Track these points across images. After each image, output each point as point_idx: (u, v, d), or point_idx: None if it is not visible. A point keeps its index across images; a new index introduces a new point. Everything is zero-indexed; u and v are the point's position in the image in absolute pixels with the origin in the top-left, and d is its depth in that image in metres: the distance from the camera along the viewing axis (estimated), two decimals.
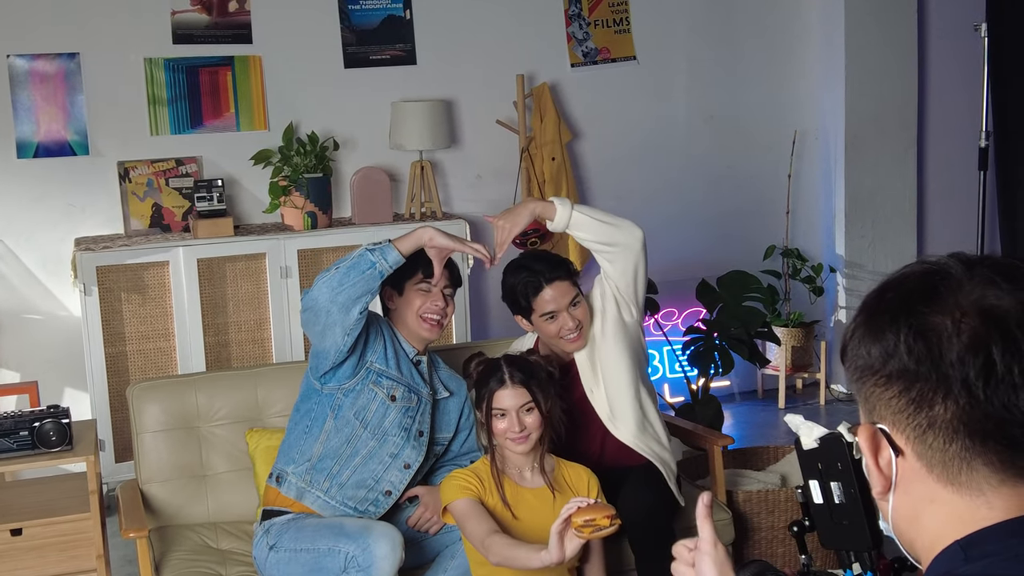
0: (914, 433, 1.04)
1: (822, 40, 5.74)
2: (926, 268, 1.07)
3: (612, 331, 3.19)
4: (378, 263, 2.88)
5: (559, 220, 3.09)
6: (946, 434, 1.02)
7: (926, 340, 1.02)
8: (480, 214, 5.27)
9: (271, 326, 4.69)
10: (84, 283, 4.43)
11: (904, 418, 1.05)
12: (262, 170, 4.88)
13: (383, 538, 2.81)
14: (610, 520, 2.53)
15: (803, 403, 5.72)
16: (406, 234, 2.96)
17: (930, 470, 1.05)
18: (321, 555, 2.87)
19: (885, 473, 1.08)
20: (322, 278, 2.89)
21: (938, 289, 1.04)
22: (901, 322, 1.04)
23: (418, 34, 5.17)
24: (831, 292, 5.83)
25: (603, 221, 3.12)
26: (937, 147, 5.95)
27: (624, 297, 3.19)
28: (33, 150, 4.70)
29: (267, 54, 4.96)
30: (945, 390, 1.01)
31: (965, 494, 1.03)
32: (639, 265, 3.17)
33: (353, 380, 3.03)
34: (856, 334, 1.09)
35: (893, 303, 1.06)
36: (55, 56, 4.70)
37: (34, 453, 3.24)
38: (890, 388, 1.05)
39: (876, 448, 1.08)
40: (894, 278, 1.09)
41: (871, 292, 1.11)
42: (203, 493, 3.35)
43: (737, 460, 3.99)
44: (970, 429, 1.01)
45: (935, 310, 1.02)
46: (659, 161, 5.62)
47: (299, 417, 3.11)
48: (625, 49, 5.50)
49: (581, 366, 3.22)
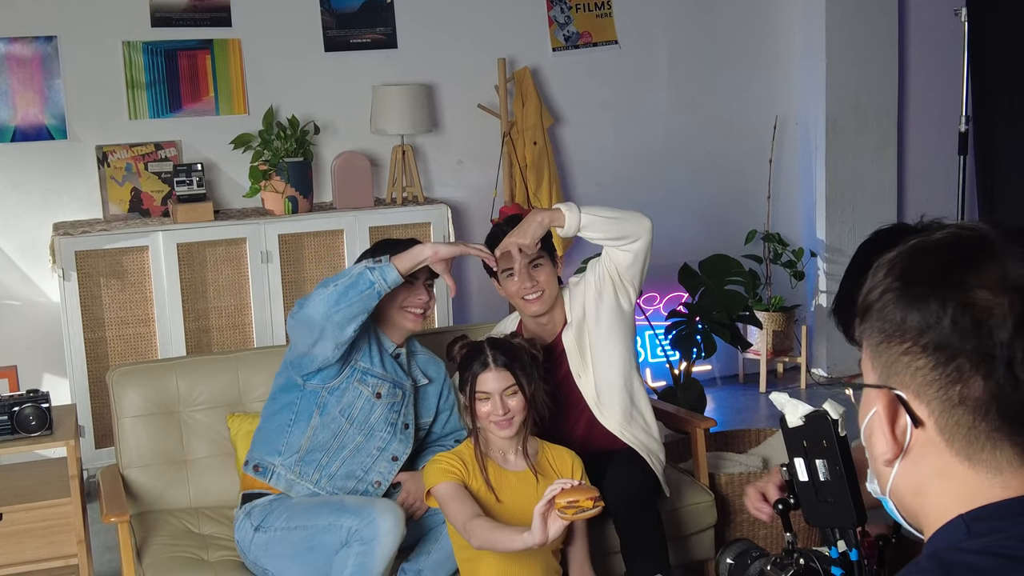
0: (941, 406, 1.02)
1: (802, 26, 5.75)
2: (964, 235, 1.05)
3: (608, 318, 3.18)
4: (377, 283, 2.84)
5: (569, 225, 3.08)
6: (976, 411, 1.01)
7: (974, 317, 1.00)
8: (461, 199, 5.26)
9: (252, 311, 4.67)
10: (63, 268, 4.39)
11: (933, 390, 1.02)
12: (242, 154, 4.85)
13: (387, 512, 2.81)
14: (593, 502, 2.53)
15: (784, 387, 5.74)
16: (405, 252, 2.92)
17: (949, 444, 1.03)
18: (318, 532, 2.85)
19: (899, 440, 1.06)
20: (317, 295, 2.85)
21: (981, 260, 1.02)
22: (947, 293, 1.01)
23: (399, 17, 5.14)
24: (811, 276, 5.85)
25: (612, 218, 3.12)
26: (917, 132, 5.97)
27: (625, 282, 3.19)
28: (10, 135, 4.66)
29: (246, 37, 4.92)
30: (987, 369, 0.99)
31: (981, 471, 1.02)
32: (648, 252, 3.19)
33: (338, 379, 3.02)
34: (887, 296, 1.05)
35: (934, 269, 1.03)
36: (32, 39, 4.65)
37: (14, 438, 3.21)
38: (923, 358, 1.02)
39: (893, 415, 1.06)
40: (930, 242, 1.06)
41: (903, 252, 1.07)
42: (184, 478, 3.34)
43: (719, 443, 4.01)
44: (1003, 410, 1.00)
45: (980, 284, 1.00)
46: (641, 146, 5.61)
47: (278, 407, 3.08)
48: (607, 33, 5.49)
49: (569, 350, 3.21)
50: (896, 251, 1.08)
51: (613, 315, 3.19)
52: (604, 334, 3.18)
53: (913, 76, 5.91)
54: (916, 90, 5.92)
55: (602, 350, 3.19)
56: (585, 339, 3.21)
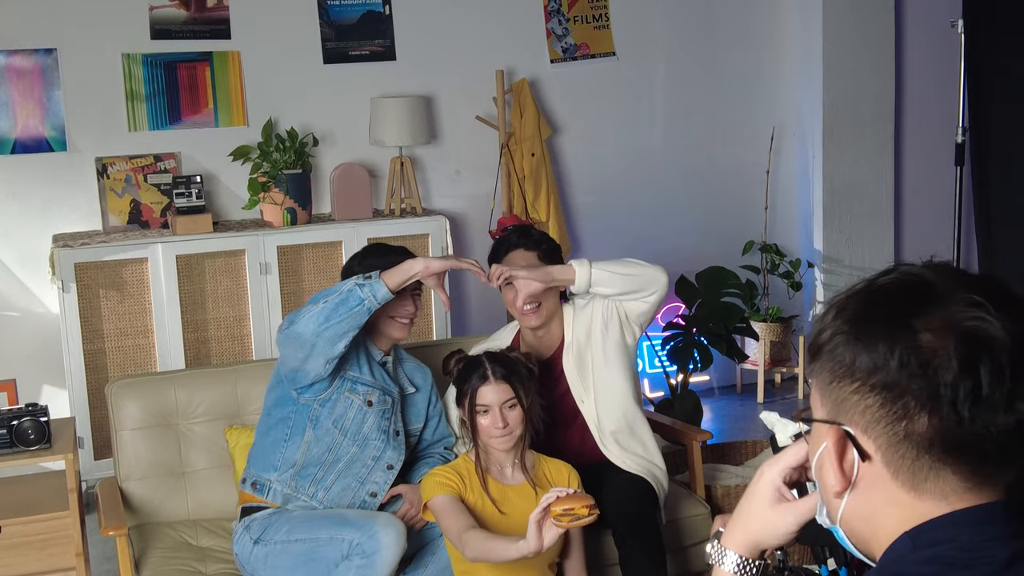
0: (888, 441, 1.08)
1: (800, 36, 5.77)
2: (909, 280, 1.10)
3: (613, 352, 3.19)
4: (367, 299, 2.85)
5: (580, 282, 3.08)
6: (921, 445, 1.06)
7: (920, 358, 1.05)
8: (460, 210, 5.28)
9: (251, 322, 4.68)
10: (62, 280, 4.41)
11: (881, 426, 1.08)
12: (241, 166, 4.87)
13: (389, 526, 2.82)
14: (589, 510, 2.54)
15: (782, 397, 5.75)
16: (395, 268, 2.92)
17: (895, 476, 1.09)
18: (319, 544, 2.86)
19: (847, 474, 1.11)
20: (307, 312, 2.86)
21: (926, 304, 1.07)
22: (896, 336, 1.06)
23: (397, 29, 5.16)
24: (809, 287, 5.86)
25: (624, 274, 3.11)
26: (914, 143, 5.99)
27: (632, 323, 3.20)
28: (10, 146, 4.67)
29: (246, 49, 4.94)
30: (932, 407, 1.05)
31: (927, 499, 1.08)
32: (662, 302, 3.19)
33: (329, 390, 3.03)
34: (838, 338, 1.11)
35: (882, 313, 1.09)
36: (32, 52, 4.67)
37: (12, 451, 3.23)
38: (872, 396, 1.08)
39: (842, 450, 1.11)
40: (877, 287, 1.12)
41: (849, 295, 1.13)
42: (182, 490, 3.35)
43: (715, 455, 4.02)
44: (947, 444, 1.05)
45: (926, 327, 1.06)
46: (638, 157, 5.63)
47: (272, 423, 3.09)
48: (604, 45, 5.51)
49: (569, 374, 3.22)
50: (844, 294, 1.14)
51: (617, 350, 3.20)
52: (607, 368, 3.20)
53: (910, 87, 5.93)
54: (913, 100, 5.94)
55: (605, 383, 3.20)
56: (588, 368, 3.21)
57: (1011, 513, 1.07)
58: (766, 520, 1.25)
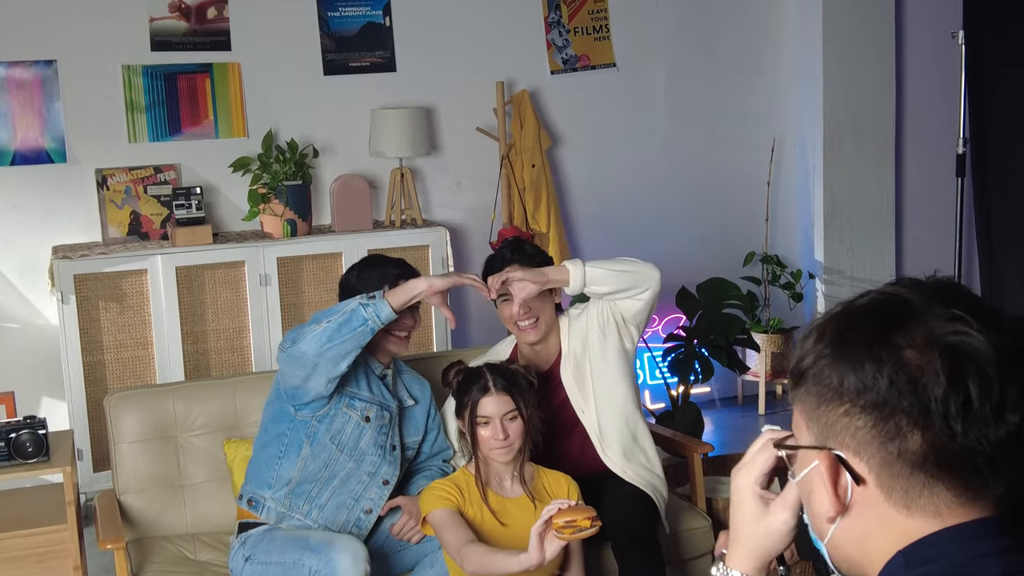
0: (880, 462, 1.07)
1: (800, 47, 5.77)
2: (887, 299, 1.10)
3: (612, 358, 3.18)
4: (371, 320, 2.84)
5: (574, 282, 3.07)
6: (914, 463, 1.06)
7: (908, 375, 1.04)
8: (460, 221, 5.27)
9: (251, 334, 4.67)
10: (62, 291, 4.40)
11: (873, 448, 1.07)
12: (241, 177, 4.86)
13: (344, 551, 2.79)
14: (591, 522, 2.53)
15: (783, 409, 5.73)
16: (399, 287, 2.92)
17: (888, 496, 1.08)
18: (287, 568, 2.86)
19: (841, 498, 1.10)
20: (310, 331, 2.84)
21: (906, 321, 1.07)
22: (881, 355, 1.06)
23: (398, 41, 5.16)
24: (810, 298, 5.85)
25: (617, 271, 3.12)
26: (915, 153, 5.98)
27: (629, 325, 3.19)
28: (10, 158, 4.67)
29: (246, 61, 4.94)
30: (924, 423, 1.04)
31: (920, 517, 1.07)
32: (656, 300, 3.18)
33: (327, 406, 3.02)
34: (821, 361, 1.10)
35: (864, 333, 1.08)
36: (32, 63, 4.67)
37: (11, 464, 3.22)
38: (861, 418, 1.07)
39: (835, 474, 1.10)
40: (856, 307, 1.12)
41: (828, 319, 1.13)
42: (181, 503, 3.33)
43: (716, 467, 4.00)
44: (939, 459, 1.05)
45: (910, 344, 1.05)
46: (638, 168, 5.63)
47: (268, 439, 3.08)
48: (605, 56, 5.51)
49: (568, 385, 3.21)
50: (823, 317, 1.13)
51: (617, 355, 3.19)
52: (607, 373, 3.18)
53: (910, 97, 5.93)
54: (913, 111, 5.94)
55: (605, 389, 3.19)
56: (587, 377, 3.20)
57: (1003, 528, 1.07)
58: (763, 528, 1.24)
